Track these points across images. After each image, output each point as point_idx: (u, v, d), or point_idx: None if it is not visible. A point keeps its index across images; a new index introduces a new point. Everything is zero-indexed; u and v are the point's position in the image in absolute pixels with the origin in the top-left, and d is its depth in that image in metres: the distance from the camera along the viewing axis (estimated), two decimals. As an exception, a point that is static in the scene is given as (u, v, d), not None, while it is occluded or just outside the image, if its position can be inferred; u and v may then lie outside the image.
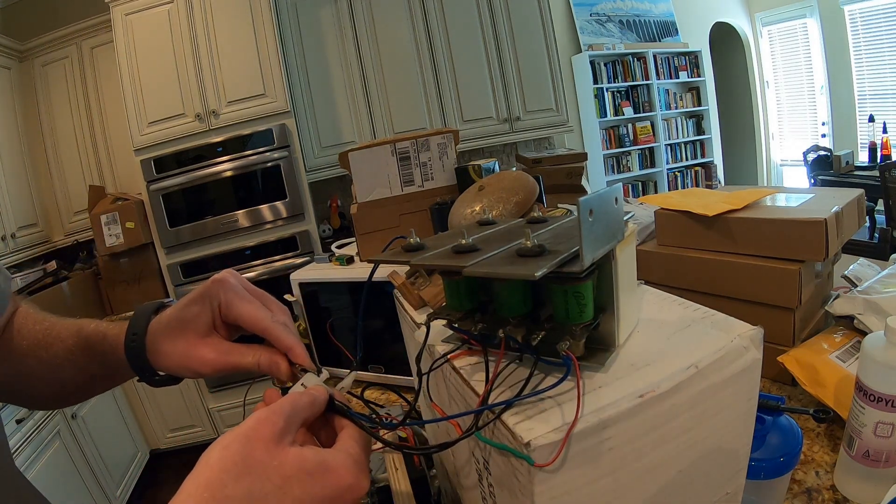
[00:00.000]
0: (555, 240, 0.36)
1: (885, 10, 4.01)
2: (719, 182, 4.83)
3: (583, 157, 1.69)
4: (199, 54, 2.55)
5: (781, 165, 5.37)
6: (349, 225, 2.99)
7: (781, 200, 0.88)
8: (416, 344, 0.43)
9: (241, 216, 2.65)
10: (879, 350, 0.52)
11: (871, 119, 4.10)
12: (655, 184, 4.60)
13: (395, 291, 0.58)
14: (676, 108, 4.61)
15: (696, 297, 0.43)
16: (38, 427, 1.98)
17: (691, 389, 0.32)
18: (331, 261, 1.15)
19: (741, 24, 5.07)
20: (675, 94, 4.61)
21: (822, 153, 4.03)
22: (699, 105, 4.71)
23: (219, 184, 2.61)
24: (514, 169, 0.97)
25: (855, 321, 0.74)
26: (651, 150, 4.53)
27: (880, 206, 3.30)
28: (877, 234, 3.11)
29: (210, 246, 2.66)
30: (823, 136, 4.70)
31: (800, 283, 0.75)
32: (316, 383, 0.39)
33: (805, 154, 4.14)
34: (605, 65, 4.26)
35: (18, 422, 1.87)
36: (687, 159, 4.71)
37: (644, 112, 4.45)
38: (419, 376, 0.41)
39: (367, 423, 0.37)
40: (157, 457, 2.87)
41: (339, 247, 1.24)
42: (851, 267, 0.91)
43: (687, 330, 0.38)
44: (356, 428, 0.36)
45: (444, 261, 0.36)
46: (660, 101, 4.47)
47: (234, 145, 2.60)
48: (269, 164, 2.61)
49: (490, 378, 0.34)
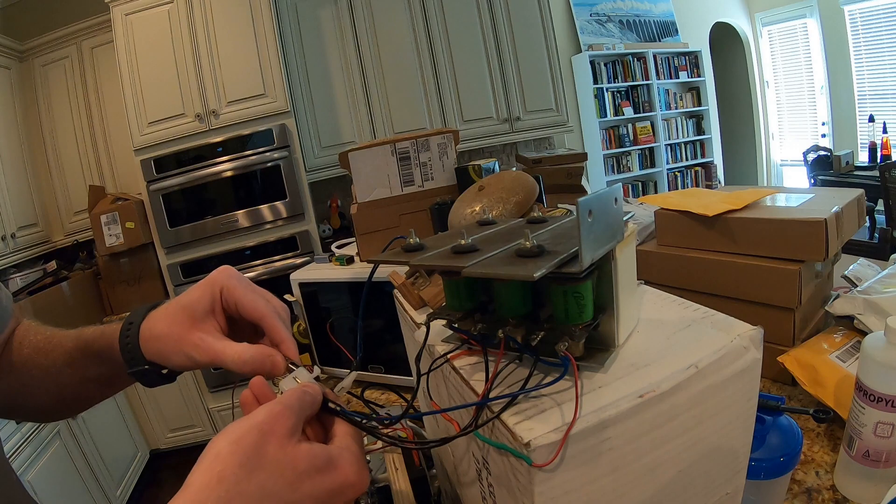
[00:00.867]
0: (554, 240, 0.36)
1: (885, 10, 4.01)
2: (719, 182, 4.83)
3: (583, 157, 1.70)
4: (199, 54, 2.55)
5: (781, 165, 5.37)
6: (349, 225, 2.99)
7: (781, 200, 0.88)
8: (415, 344, 0.43)
9: (241, 216, 2.65)
10: (879, 350, 0.52)
11: (871, 119, 4.10)
12: (655, 184, 4.60)
13: (395, 291, 0.58)
14: (676, 108, 4.61)
15: (696, 297, 0.43)
16: (37, 427, 1.98)
17: (691, 389, 0.32)
18: (331, 261, 1.15)
19: (741, 24, 5.07)
20: (675, 94, 4.61)
21: (822, 153, 4.03)
22: (699, 105, 4.71)
23: (219, 184, 2.61)
24: (514, 169, 0.97)
25: (855, 321, 0.74)
26: (651, 150, 4.53)
27: (880, 206, 3.30)
28: (877, 234, 3.11)
29: (210, 246, 2.66)
30: (823, 136, 4.70)
31: (800, 283, 0.75)
32: (307, 379, 0.39)
33: (805, 154, 4.14)
34: (605, 65, 4.25)
35: (18, 422, 1.87)
36: (687, 159, 4.71)
37: (644, 112, 4.45)
38: (419, 376, 0.41)
39: (360, 419, 0.37)
40: (157, 457, 2.87)
41: (339, 247, 1.24)
42: (851, 267, 0.91)
43: (687, 330, 0.38)
44: (349, 424, 0.36)
45: (443, 261, 0.36)
46: (660, 101, 4.47)
47: (234, 145, 2.60)
48: (269, 164, 2.61)
49: (489, 378, 0.34)
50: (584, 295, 0.33)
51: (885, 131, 3.93)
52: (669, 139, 4.58)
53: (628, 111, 4.38)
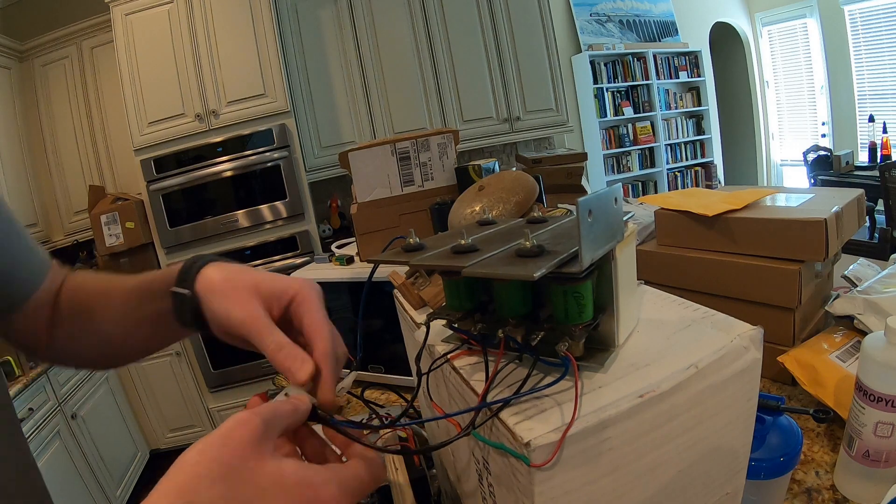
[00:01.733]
0: (554, 240, 0.36)
1: (885, 10, 4.01)
2: (719, 182, 4.83)
3: (583, 157, 1.70)
4: (199, 54, 2.55)
5: (781, 165, 5.37)
6: (349, 225, 2.99)
7: (781, 200, 0.88)
8: (416, 344, 0.43)
9: (241, 216, 2.65)
10: (879, 350, 0.52)
11: (871, 119, 4.10)
12: (655, 184, 4.60)
13: (395, 291, 0.58)
14: (676, 108, 4.61)
15: (696, 297, 0.43)
16: (38, 427, 1.98)
17: (691, 389, 0.32)
18: (331, 261, 1.15)
19: (741, 24, 5.07)
20: (675, 94, 4.61)
21: (822, 153, 4.03)
22: (699, 105, 4.71)
23: (219, 184, 2.61)
24: (514, 169, 0.97)
25: (855, 321, 0.74)
26: (651, 150, 4.53)
27: (880, 206, 3.30)
28: (877, 234, 3.11)
29: (210, 246, 2.66)
30: (823, 136, 4.70)
31: (800, 283, 0.75)
32: (300, 393, 0.36)
33: (805, 154, 4.14)
34: (605, 65, 4.25)
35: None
36: (687, 159, 4.71)
37: (644, 112, 4.45)
38: (419, 376, 0.41)
39: (355, 425, 0.35)
40: (157, 457, 2.87)
41: (339, 247, 1.24)
42: (851, 267, 0.91)
43: (687, 330, 0.38)
44: (368, 460, 0.33)
45: (443, 261, 0.36)
46: (660, 101, 4.47)
47: (233, 145, 2.60)
48: (269, 164, 2.61)
49: (489, 377, 0.34)
50: (584, 295, 0.33)
51: (885, 131, 3.93)
52: (669, 139, 4.58)
53: (628, 111, 4.38)
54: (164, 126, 2.57)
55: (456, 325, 0.39)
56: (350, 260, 1.12)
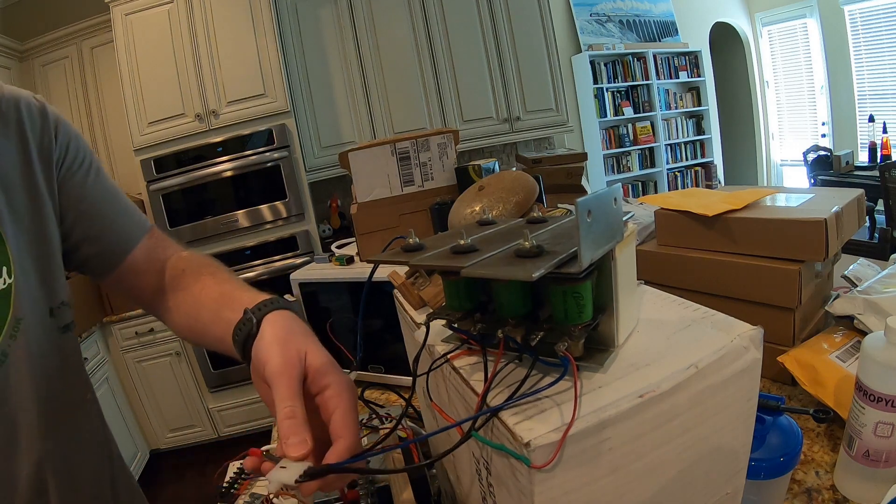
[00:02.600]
0: (554, 240, 0.36)
1: (885, 10, 4.01)
2: (719, 182, 4.83)
3: (583, 157, 1.70)
4: (199, 54, 2.55)
5: (781, 165, 5.37)
6: (349, 225, 2.99)
7: (781, 200, 0.88)
8: (416, 344, 0.43)
9: (241, 216, 2.65)
10: (879, 350, 0.52)
11: (871, 119, 4.10)
12: (655, 184, 4.60)
13: (395, 291, 0.58)
14: (676, 108, 4.61)
15: (696, 297, 0.43)
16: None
17: (691, 389, 0.32)
18: (331, 261, 1.15)
19: (741, 24, 5.07)
20: (675, 94, 4.61)
21: (822, 153, 4.03)
22: (699, 105, 4.71)
23: (219, 184, 2.61)
24: (514, 169, 0.97)
25: (855, 321, 0.74)
26: (651, 150, 4.53)
27: (880, 206, 3.30)
28: (877, 234, 3.11)
29: (210, 246, 2.66)
30: (823, 136, 4.70)
31: (800, 283, 0.75)
32: (289, 480, 0.35)
33: (805, 154, 4.14)
34: (605, 65, 4.25)
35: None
36: (687, 159, 4.71)
37: (644, 112, 4.45)
38: (418, 376, 0.41)
39: (354, 461, 0.37)
40: (157, 457, 2.87)
41: (339, 247, 1.24)
42: (851, 267, 0.91)
43: (687, 330, 0.38)
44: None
45: (443, 261, 0.36)
46: (660, 101, 4.47)
47: (233, 145, 2.60)
48: (269, 164, 2.61)
49: (488, 378, 0.34)
50: (584, 295, 0.33)
51: (885, 131, 3.93)
52: (669, 139, 4.58)
53: (628, 111, 4.38)
54: (164, 126, 2.57)
55: (456, 325, 0.39)
56: (350, 260, 1.12)
